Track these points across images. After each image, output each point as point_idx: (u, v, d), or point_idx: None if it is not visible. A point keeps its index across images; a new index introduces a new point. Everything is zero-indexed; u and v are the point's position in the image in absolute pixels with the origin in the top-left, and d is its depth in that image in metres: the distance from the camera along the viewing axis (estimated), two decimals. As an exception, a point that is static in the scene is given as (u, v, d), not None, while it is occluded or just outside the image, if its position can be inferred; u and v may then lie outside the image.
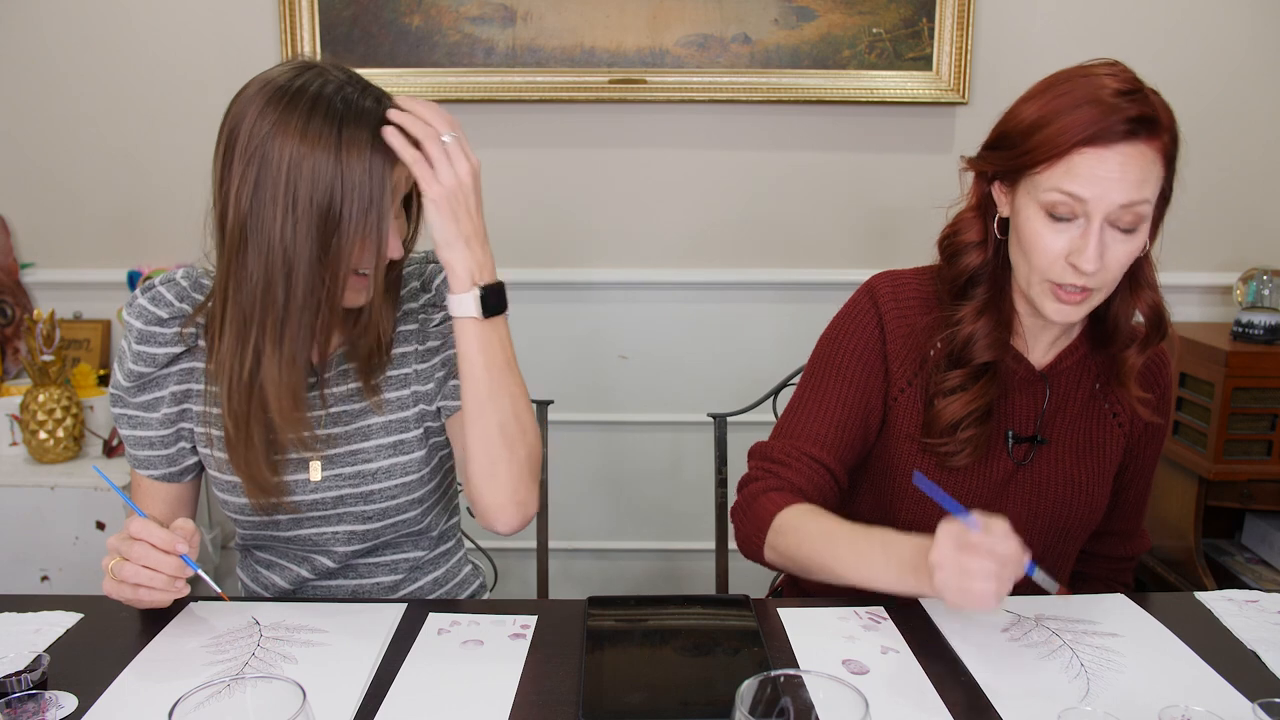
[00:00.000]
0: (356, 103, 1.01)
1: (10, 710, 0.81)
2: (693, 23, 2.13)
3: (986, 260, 1.12)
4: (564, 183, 2.24)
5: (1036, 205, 1.02)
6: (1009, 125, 1.06)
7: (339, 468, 1.15)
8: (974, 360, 1.11)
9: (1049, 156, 0.99)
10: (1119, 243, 1.01)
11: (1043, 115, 1.01)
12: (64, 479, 1.92)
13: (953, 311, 1.12)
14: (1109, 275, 1.03)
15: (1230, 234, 2.26)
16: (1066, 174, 0.99)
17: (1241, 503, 2.08)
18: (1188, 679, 0.92)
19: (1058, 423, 1.17)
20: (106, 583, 0.99)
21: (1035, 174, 1.02)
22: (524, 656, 0.96)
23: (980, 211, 1.12)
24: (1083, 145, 0.97)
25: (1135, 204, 0.99)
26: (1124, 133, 0.97)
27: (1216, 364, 1.98)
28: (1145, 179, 0.99)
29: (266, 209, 0.98)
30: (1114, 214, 0.99)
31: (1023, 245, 1.05)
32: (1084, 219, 1.00)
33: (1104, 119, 0.97)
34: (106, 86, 2.19)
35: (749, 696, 0.63)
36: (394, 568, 1.24)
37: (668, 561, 2.43)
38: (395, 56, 2.13)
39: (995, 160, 1.08)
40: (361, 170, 0.98)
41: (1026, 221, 1.04)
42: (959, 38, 2.11)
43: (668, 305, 2.28)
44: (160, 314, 1.11)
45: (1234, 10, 2.15)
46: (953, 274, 1.14)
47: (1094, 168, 0.97)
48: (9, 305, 2.28)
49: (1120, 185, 0.97)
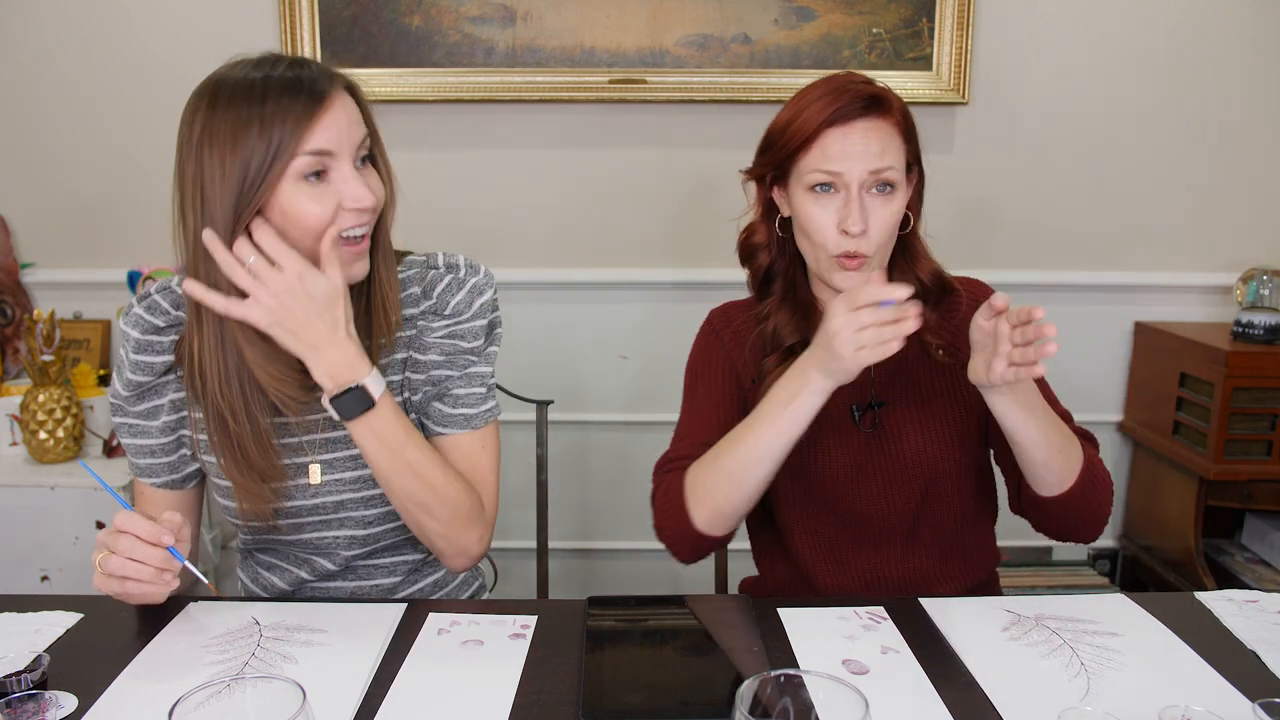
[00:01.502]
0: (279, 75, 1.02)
1: (10, 710, 0.81)
2: (693, 23, 2.13)
3: (774, 257, 1.26)
4: (564, 183, 2.24)
5: (804, 189, 1.16)
6: (770, 130, 1.21)
7: (339, 472, 1.15)
8: (782, 344, 1.23)
9: (802, 142, 1.14)
10: (879, 206, 1.14)
11: (793, 113, 1.17)
12: (64, 479, 1.92)
13: (761, 309, 1.27)
14: (878, 237, 1.14)
15: (1230, 234, 2.26)
16: (820, 154, 1.14)
17: (1241, 503, 2.08)
18: (1188, 679, 0.92)
19: (895, 385, 1.24)
20: (96, 577, 0.99)
21: (797, 162, 1.16)
22: (524, 656, 0.96)
23: (765, 216, 1.26)
24: (827, 126, 1.13)
25: (882, 170, 1.13)
26: (860, 109, 1.13)
27: (1216, 364, 1.98)
28: (886, 148, 1.13)
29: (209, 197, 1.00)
30: (866, 180, 1.13)
31: (803, 228, 1.18)
32: (844, 190, 1.13)
33: (840, 100, 1.13)
34: (107, 87, 2.19)
35: (749, 696, 0.63)
36: (393, 570, 1.23)
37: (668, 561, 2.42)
38: (395, 56, 2.13)
39: (764, 162, 1.22)
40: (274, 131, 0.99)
41: (800, 206, 1.17)
42: (959, 38, 2.11)
43: (668, 305, 2.28)
44: (156, 322, 1.12)
45: (1234, 10, 2.15)
46: (751, 273, 1.29)
47: (840, 144, 1.13)
48: (9, 305, 2.28)
49: (864, 155, 1.12)
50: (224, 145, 0.99)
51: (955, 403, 1.24)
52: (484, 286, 1.18)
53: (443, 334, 1.16)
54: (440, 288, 1.17)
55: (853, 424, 1.23)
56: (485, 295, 1.18)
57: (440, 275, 1.17)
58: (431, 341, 1.16)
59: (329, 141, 1.01)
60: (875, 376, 1.24)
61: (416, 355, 1.17)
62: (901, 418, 1.23)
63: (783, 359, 1.20)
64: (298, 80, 1.01)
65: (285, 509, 1.15)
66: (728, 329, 1.30)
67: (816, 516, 1.26)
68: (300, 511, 1.15)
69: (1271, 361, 1.97)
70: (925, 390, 1.25)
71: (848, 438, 1.23)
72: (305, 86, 1.01)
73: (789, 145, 1.16)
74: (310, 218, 1.01)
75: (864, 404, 1.24)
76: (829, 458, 1.23)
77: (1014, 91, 2.18)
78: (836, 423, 1.22)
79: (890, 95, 1.16)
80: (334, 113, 1.02)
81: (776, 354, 1.22)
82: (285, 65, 1.03)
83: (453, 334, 1.16)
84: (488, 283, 1.19)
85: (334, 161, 1.02)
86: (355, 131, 1.05)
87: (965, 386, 1.19)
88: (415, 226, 2.40)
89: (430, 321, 1.17)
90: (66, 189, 2.25)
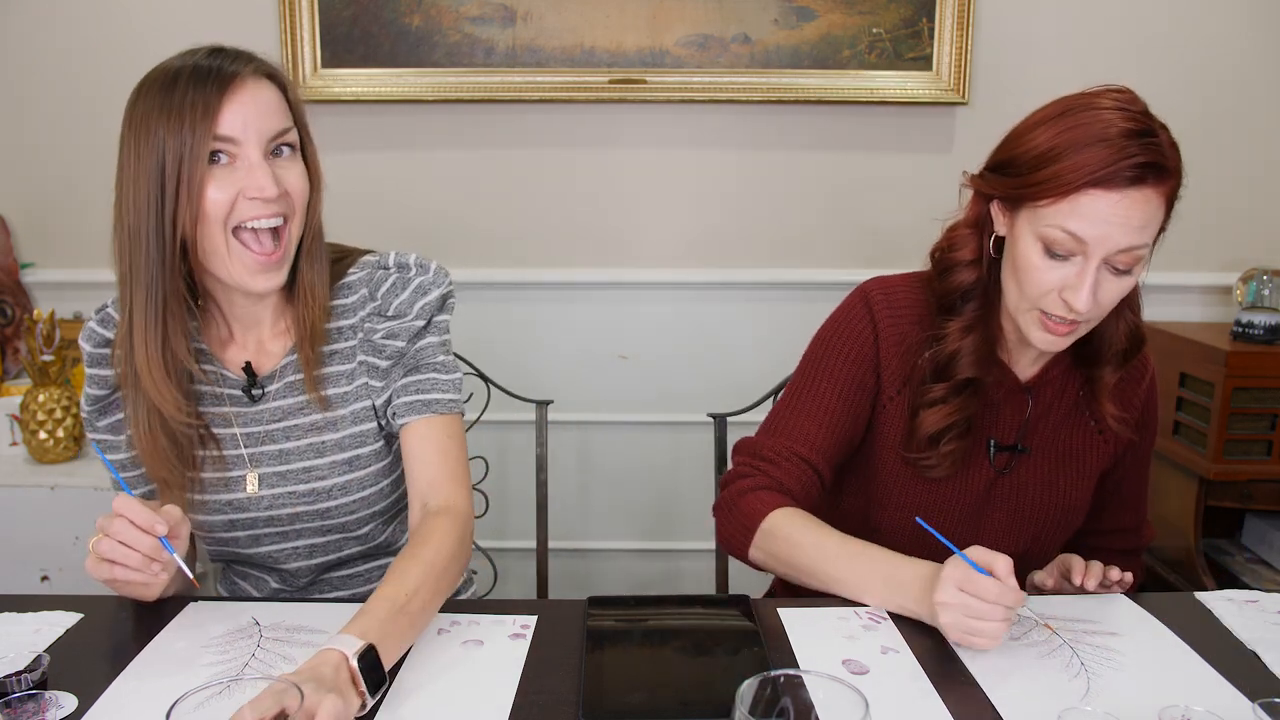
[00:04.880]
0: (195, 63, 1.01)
1: (10, 710, 0.81)
2: (693, 23, 2.13)
3: (980, 278, 1.12)
4: (564, 183, 2.24)
5: (1035, 237, 1.02)
6: (1016, 151, 1.05)
7: (291, 485, 1.13)
8: (958, 375, 1.12)
9: (1055, 193, 0.99)
10: (1112, 281, 1.02)
11: (1052, 148, 1.00)
12: (64, 479, 1.92)
13: (941, 327, 1.13)
14: (1099, 312, 1.04)
15: (1230, 234, 2.26)
16: (1071, 213, 0.99)
17: (1241, 503, 2.08)
18: (1188, 679, 0.92)
19: (1040, 432, 1.18)
20: (88, 560, 0.98)
21: (1038, 206, 1.02)
22: (524, 656, 0.96)
23: (977, 229, 1.12)
24: (1090, 186, 0.97)
25: (1135, 248, 1.00)
26: (1132, 178, 0.97)
27: (1216, 364, 1.98)
28: (1147, 224, 0.99)
29: (124, 187, 1.01)
30: (1112, 256, 1.00)
31: (1017, 273, 1.06)
32: (1082, 257, 1.01)
33: (1114, 161, 0.96)
34: (106, 86, 2.18)
35: (749, 696, 0.63)
36: (369, 578, 1.22)
37: (668, 561, 2.43)
38: (395, 56, 2.13)
39: (999, 186, 1.07)
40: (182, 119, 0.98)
41: (1024, 251, 1.04)
42: (959, 38, 2.11)
43: (668, 305, 2.28)
44: (108, 335, 1.12)
45: (1233, 11, 2.15)
46: (944, 288, 1.14)
47: (1099, 210, 0.97)
48: (9, 305, 2.28)
49: (1123, 229, 0.98)
50: (138, 133, 0.99)
51: (1087, 469, 1.19)
52: (429, 286, 1.15)
53: (384, 335, 1.13)
54: (384, 288, 1.14)
55: (985, 457, 1.17)
56: (430, 295, 1.14)
57: (386, 275, 1.15)
58: (379, 343, 1.13)
59: (232, 128, 1.00)
60: (1029, 418, 1.18)
61: (371, 359, 1.14)
62: (1037, 471, 1.18)
63: (950, 394, 1.11)
64: (209, 68, 1.00)
65: (240, 520, 1.13)
66: (887, 311, 1.16)
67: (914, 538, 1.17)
68: (256, 523, 1.14)
69: (1271, 361, 1.97)
70: (1065, 447, 1.19)
71: (974, 470, 1.17)
72: (214, 73, 1.00)
73: (1038, 190, 1.00)
74: (209, 203, 1.00)
75: (1004, 444, 1.17)
76: (952, 487, 1.17)
77: (1014, 91, 2.17)
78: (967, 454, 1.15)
79: (1169, 156, 1.00)
80: (240, 97, 1.00)
81: (945, 385, 1.11)
82: (205, 54, 1.02)
83: (393, 333, 1.13)
84: (435, 282, 1.15)
85: (238, 148, 1.01)
86: (266, 121, 1.02)
87: (1100, 455, 1.18)
88: (415, 227, 2.40)
89: (375, 323, 1.14)
90: (66, 189, 2.25)
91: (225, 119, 0.99)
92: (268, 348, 1.15)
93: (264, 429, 1.13)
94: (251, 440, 1.13)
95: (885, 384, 1.16)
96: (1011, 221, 1.07)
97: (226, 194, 1.01)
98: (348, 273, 1.17)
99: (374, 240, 1.27)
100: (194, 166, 0.98)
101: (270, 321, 1.15)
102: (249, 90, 1.01)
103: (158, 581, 1.00)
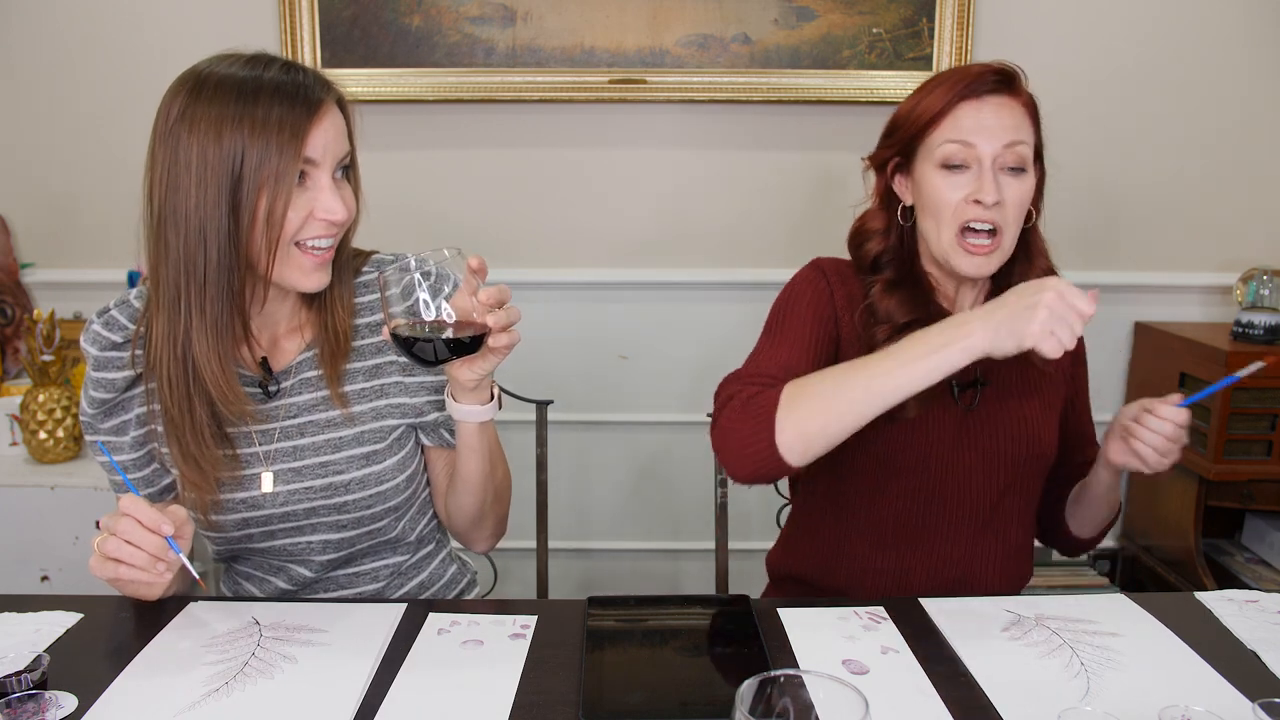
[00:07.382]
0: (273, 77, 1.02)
1: (10, 710, 0.81)
2: (693, 23, 2.13)
3: (889, 245, 1.24)
4: (564, 183, 2.24)
5: (933, 164, 1.15)
6: (895, 115, 1.21)
7: (308, 480, 1.14)
8: (895, 322, 1.18)
9: (932, 117, 1.15)
10: (1011, 182, 1.14)
11: (919, 96, 1.18)
12: (64, 479, 1.92)
13: (869, 285, 1.22)
14: (1010, 212, 1.14)
15: (1230, 234, 2.26)
16: (953, 126, 1.14)
17: (1241, 503, 2.08)
18: (1188, 679, 0.92)
19: (995, 365, 1.22)
20: (93, 559, 0.99)
21: (927, 137, 1.16)
22: (524, 656, 0.96)
23: (884, 204, 1.25)
24: (959, 101, 1.13)
25: (1016, 143, 1.13)
26: (992, 85, 1.13)
27: (1216, 364, 1.98)
28: (1018, 125, 1.14)
29: (181, 184, 1.00)
30: (1000, 155, 1.13)
31: (929, 205, 1.17)
32: (976, 165, 1.13)
33: (973, 79, 1.14)
34: (106, 86, 2.19)
35: (749, 696, 0.63)
36: (375, 576, 1.23)
37: (668, 561, 2.43)
38: (395, 56, 2.13)
39: (890, 144, 1.21)
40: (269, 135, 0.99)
41: (929, 181, 1.16)
42: (959, 38, 2.11)
43: (668, 305, 2.28)
44: (114, 338, 1.11)
45: (1232, 10, 2.15)
46: (860, 256, 1.26)
47: (974, 117, 1.13)
48: (9, 305, 2.28)
49: (998, 129, 1.12)
50: (205, 135, 0.99)
51: (1048, 400, 1.26)
52: None
53: None
54: None
55: (951, 398, 1.21)
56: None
57: None
58: None
59: (315, 151, 1.02)
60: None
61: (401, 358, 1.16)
62: (1003, 403, 1.23)
63: (895, 333, 1.15)
64: (295, 86, 1.02)
65: (254, 519, 1.14)
66: (838, 279, 1.24)
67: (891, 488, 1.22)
68: (270, 520, 1.14)
69: (1271, 361, 1.97)
70: (1023, 380, 1.25)
71: (942, 413, 1.21)
72: (302, 94, 1.02)
73: (918, 121, 1.16)
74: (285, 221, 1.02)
75: (965, 382, 1.22)
76: (922, 430, 1.20)
77: (1014, 91, 2.18)
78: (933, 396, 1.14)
79: (1021, 77, 1.17)
80: (323, 123, 1.03)
81: (888, 327, 1.18)
82: (279, 68, 1.04)
83: None
84: None
85: (315, 170, 1.03)
86: (339, 145, 1.06)
87: (1055, 386, 1.26)
88: (414, 227, 2.40)
89: None
90: (67, 189, 2.25)
91: (312, 141, 1.02)
92: (282, 344, 1.16)
93: (279, 425, 1.13)
94: (266, 437, 1.13)
95: (844, 338, 1.21)
96: (912, 178, 1.20)
97: (300, 213, 1.03)
98: (362, 270, 1.19)
99: (374, 240, 1.27)
100: (279, 186, 1.00)
101: (286, 319, 1.16)
102: (330, 116, 1.04)
103: (161, 581, 1.00)
